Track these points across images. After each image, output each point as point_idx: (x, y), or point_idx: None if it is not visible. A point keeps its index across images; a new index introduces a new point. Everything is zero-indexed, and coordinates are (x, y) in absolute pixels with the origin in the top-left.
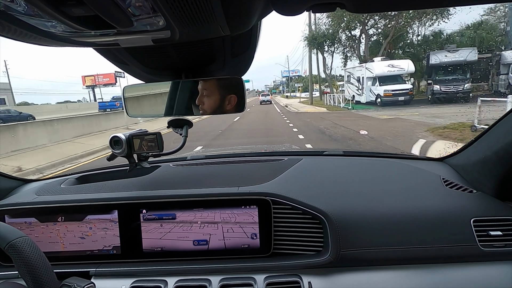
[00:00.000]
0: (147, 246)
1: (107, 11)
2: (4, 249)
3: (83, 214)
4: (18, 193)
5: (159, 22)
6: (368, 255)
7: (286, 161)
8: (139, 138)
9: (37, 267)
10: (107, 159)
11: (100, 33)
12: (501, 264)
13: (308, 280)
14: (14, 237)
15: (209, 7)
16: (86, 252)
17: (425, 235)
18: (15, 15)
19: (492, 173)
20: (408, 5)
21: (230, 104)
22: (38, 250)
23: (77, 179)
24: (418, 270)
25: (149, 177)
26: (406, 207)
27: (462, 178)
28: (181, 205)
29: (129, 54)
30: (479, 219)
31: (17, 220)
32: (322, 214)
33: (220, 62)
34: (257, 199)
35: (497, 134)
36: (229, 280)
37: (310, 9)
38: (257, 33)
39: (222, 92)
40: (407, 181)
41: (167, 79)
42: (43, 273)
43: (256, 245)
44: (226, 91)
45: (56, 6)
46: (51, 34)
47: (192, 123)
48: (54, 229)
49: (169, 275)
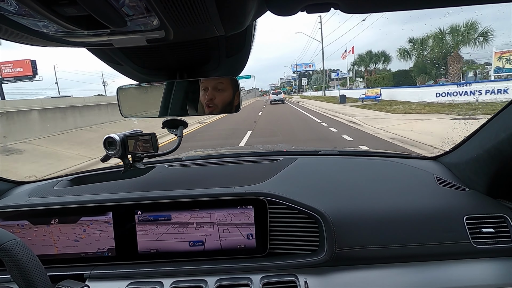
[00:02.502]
0: (143, 247)
1: (100, 10)
2: None
3: (77, 216)
4: (10, 195)
5: (153, 22)
6: (364, 253)
7: (281, 161)
8: (134, 139)
9: (30, 270)
10: (101, 160)
11: (93, 33)
12: (493, 261)
13: (304, 279)
14: (5, 240)
15: (204, 7)
16: (80, 254)
17: (419, 233)
18: (5, 15)
19: (484, 171)
20: (402, 6)
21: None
22: (31, 252)
23: (70, 180)
24: (412, 268)
25: (144, 178)
26: (401, 206)
27: (455, 177)
28: (177, 206)
29: (123, 54)
30: (471, 217)
31: (10, 222)
32: (318, 213)
33: (215, 62)
34: (252, 199)
35: (489, 133)
36: (225, 281)
37: (305, 10)
38: (252, 33)
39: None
40: (401, 180)
41: (162, 79)
42: (36, 276)
43: (252, 245)
44: (226, 91)
45: (48, 5)
46: (43, 34)
47: (187, 123)
48: (47, 231)
49: (164, 276)
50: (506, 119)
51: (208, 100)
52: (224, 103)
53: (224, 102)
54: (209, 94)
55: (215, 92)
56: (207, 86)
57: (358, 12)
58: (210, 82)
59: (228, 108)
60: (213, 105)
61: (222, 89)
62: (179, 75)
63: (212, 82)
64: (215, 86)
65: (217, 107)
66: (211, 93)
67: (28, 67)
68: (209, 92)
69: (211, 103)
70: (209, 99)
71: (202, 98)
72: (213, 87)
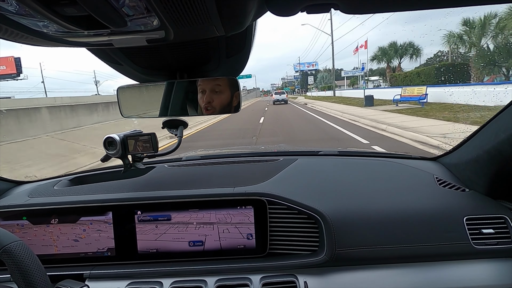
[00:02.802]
0: (142, 247)
1: (100, 11)
2: None
3: (77, 216)
4: (10, 195)
5: (153, 22)
6: (363, 254)
7: (281, 161)
8: (134, 139)
9: (31, 272)
10: (101, 160)
11: (93, 33)
12: (493, 262)
13: (304, 279)
14: (8, 241)
15: (204, 8)
16: (80, 254)
17: (419, 234)
18: (5, 15)
19: (484, 172)
20: (403, 7)
21: (230, 104)
22: (33, 254)
23: (70, 180)
24: (412, 268)
25: (144, 178)
26: (400, 206)
27: (455, 177)
28: (177, 206)
29: (123, 54)
30: (471, 217)
31: (9, 222)
32: (318, 213)
33: (215, 62)
34: (252, 200)
35: (489, 133)
36: (225, 281)
37: (305, 10)
38: (252, 34)
39: (227, 92)
40: (401, 181)
41: (162, 79)
42: (37, 279)
43: (252, 245)
44: (228, 91)
45: (48, 5)
46: (43, 34)
47: (187, 123)
48: (47, 231)
49: (164, 276)
50: (506, 120)
51: (206, 103)
52: (222, 105)
53: (222, 104)
54: (207, 97)
55: (213, 95)
56: (204, 89)
57: (358, 13)
58: (207, 84)
59: (227, 109)
60: (211, 108)
61: (220, 91)
62: (179, 75)
63: (209, 85)
64: (213, 88)
65: (215, 109)
66: (209, 96)
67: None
68: (206, 95)
69: (209, 105)
70: (207, 102)
71: (200, 101)
72: (211, 89)
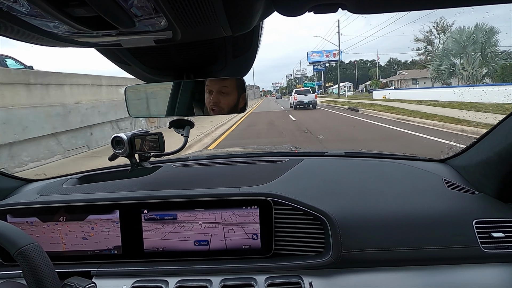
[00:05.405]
0: (148, 246)
1: (109, 11)
2: (13, 255)
3: (85, 214)
4: (20, 193)
5: (161, 22)
6: (370, 256)
7: (287, 162)
8: (141, 138)
9: (43, 276)
10: (109, 159)
11: (102, 34)
12: (503, 266)
13: (309, 281)
14: (24, 243)
15: (211, 8)
16: (88, 252)
17: (427, 236)
18: (18, 16)
19: (494, 175)
20: (410, 7)
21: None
22: (46, 258)
23: (78, 179)
24: (419, 272)
25: (151, 177)
26: (408, 208)
27: (464, 180)
28: (182, 205)
29: (131, 55)
30: (481, 221)
31: (19, 219)
32: (324, 215)
33: (221, 62)
34: (258, 200)
35: (499, 135)
36: (230, 281)
37: (312, 10)
38: (259, 34)
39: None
40: (408, 182)
41: (169, 79)
42: (48, 282)
43: (257, 245)
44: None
45: (58, 6)
46: (54, 34)
47: (194, 123)
48: (55, 229)
49: (170, 275)
50: None
51: (213, 104)
52: (229, 106)
53: (229, 105)
54: (214, 97)
55: (219, 96)
56: (211, 89)
57: (365, 13)
58: (214, 85)
59: (233, 109)
60: (218, 108)
61: (227, 93)
62: (186, 75)
63: (216, 85)
64: (220, 89)
65: (222, 110)
66: (216, 97)
67: None
68: (213, 96)
69: (216, 106)
70: (213, 103)
71: (207, 101)
72: (218, 90)
